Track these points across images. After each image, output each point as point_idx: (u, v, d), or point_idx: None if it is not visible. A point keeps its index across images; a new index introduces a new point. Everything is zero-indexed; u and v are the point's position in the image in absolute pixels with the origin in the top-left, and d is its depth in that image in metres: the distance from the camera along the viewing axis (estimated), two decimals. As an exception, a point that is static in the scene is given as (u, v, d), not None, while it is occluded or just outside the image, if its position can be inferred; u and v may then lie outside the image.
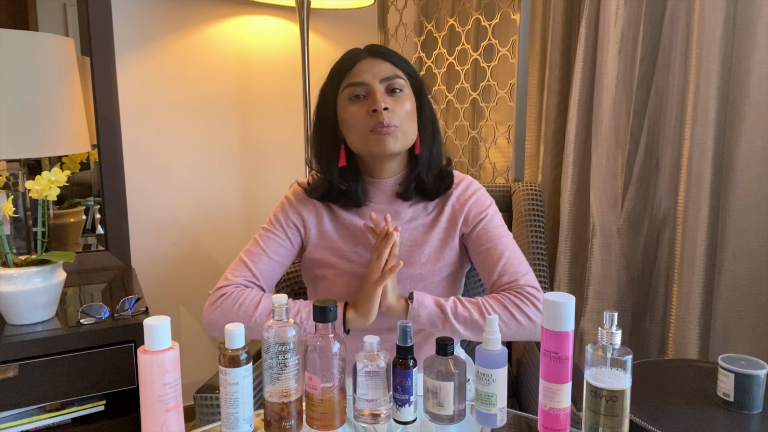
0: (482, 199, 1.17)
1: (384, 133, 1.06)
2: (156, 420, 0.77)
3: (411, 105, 1.10)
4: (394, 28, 2.16)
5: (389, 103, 1.06)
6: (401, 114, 1.07)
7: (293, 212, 1.16)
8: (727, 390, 1.03)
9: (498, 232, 1.13)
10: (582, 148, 1.67)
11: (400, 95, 1.08)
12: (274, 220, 1.17)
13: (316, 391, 0.82)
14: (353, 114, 1.08)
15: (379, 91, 1.07)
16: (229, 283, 1.11)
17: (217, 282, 1.14)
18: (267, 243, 1.14)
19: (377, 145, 1.07)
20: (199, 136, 2.00)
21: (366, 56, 1.10)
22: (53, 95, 1.39)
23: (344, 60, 1.11)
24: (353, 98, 1.08)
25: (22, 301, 1.32)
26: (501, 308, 1.04)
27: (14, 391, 1.29)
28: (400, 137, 1.07)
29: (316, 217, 1.16)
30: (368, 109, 1.06)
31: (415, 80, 1.12)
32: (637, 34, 1.52)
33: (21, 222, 1.72)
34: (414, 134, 1.11)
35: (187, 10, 1.92)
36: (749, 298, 1.39)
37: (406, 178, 1.14)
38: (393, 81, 1.08)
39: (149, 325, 0.76)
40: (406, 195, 1.13)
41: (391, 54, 1.11)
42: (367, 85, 1.07)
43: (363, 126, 1.07)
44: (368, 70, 1.08)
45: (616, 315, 0.76)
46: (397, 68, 1.09)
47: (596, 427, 0.76)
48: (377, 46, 1.12)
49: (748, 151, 1.36)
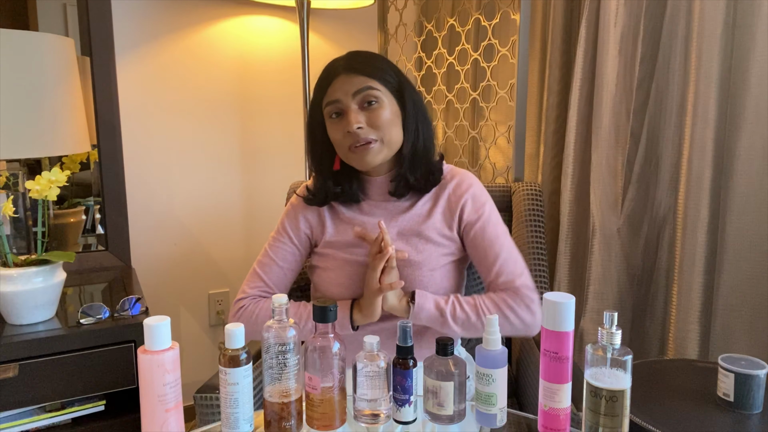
0: (478, 195, 1.18)
1: (361, 152, 1.09)
2: (156, 420, 0.77)
3: (391, 111, 1.10)
4: (394, 28, 2.16)
5: (363, 118, 1.08)
6: (379, 124, 1.09)
7: (298, 218, 1.21)
8: (727, 390, 1.03)
9: (495, 232, 1.15)
10: (582, 148, 1.67)
11: (376, 106, 1.09)
12: (281, 228, 1.22)
13: (316, 391, 0.82)
14: (333, 132, 1.12)
15: (353, 110, 1.08)
16: (246, 295, 1.18)
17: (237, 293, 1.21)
18: (276, 252, 1.20)
19: (358, 162, 1.11)
20: (199, 136, 2.00)
21: (341, 72, 1.10)
22: (53, 95, 1.39)
23: (322, 78, 1.13)
24: (332, 116, 1.11)
25: (22, 301, 1.32)
26: (496, 309, 1.08)
27: (14, 391, 1.29)
28: (382, 148, 1.10)
29: (318, 217, 1.20)
30: (344, 129, 1.09)
31: (393, 83, 1.12)
32: (637, 34, 1.52)
33: (21, 222, 1.72)
34: (397, 140, 1.13)
35: (187, 10, 1.92)
36: (749, 298, 1.39)
37: (395, 177, 1.16)
38: (366, 93, 1.08)
39: (149, 325, 0.76)
40: (397, 192, 1.16)
41: (364, 64, 1.10)
42: (340, 102, 1.09)
43: (342, 144, 1.11)
44: (340, 87, 1.09)
45: (616, 315, 0.76)
46: (370, 78, 1.09)
47: (596, 427, 0.76)
48: (353, 58, 1.12)
49: (748, 151, 1.36)
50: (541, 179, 1.84)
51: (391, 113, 1.11)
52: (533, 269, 1.53)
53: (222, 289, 2.11)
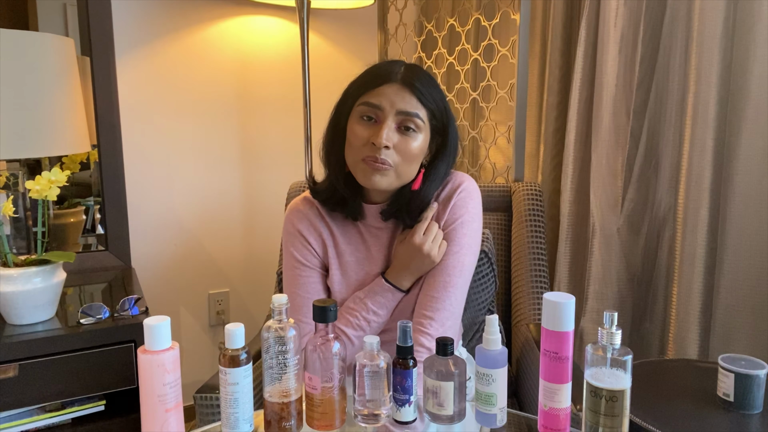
0: (457, 206, 1.12)
1: (373, 168, 1.02)
2: (156, 420, 0.77)
3: (419, 147, 1.04)
4: (394, 28, 2.16)
5: (394, 140, 1.01)
6: (403, 154, 1.02)
7: (308, 242, 1.14)
8: (727, 390, 1.03)
9: (450, 249, 1.10)
10: (582, 148, 1.67)
11: (411, 135, 1.02)
12: (296, 263, 1.13)
13: (316, 391, 0.82)
14: (355, 134, 1.04)
15: (389, 125, 1.01)
16: (305, 345, 1.12)
17: None
18: (305, 289, 1.13)
19: (363, 176, 1.04)
20: (199, 136, 2.00)
21: (396, 80, 1.02)
22: (53, 95, 1.39)
23: (373, 74, 1.05)
24: (364, 117, 1.03)
25: (22, 301, 1.32)
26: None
27: (14, 391, 1.29)
28: (391, 177, 1.04)
29: (317, 234, 1.15)
30: (370, 137, 1.02)
31: (438, 120, 1.07)
32: (637, 35, 1.52)
33: (21, 222, 1.72)
34: (410, 176, 1.07)
35: (187, 10, 1.92)
36: (749, 298, 1.39)
37: (390, 205, 1.11)
38: (410, 119, 1.02)
39: (149, 325, 0.76)
40: (386, 217, 1.11)
41: (423, 89, 1.03)
42: (381, 110, 1.02)
43: (358, 150, 1.03)
44: (389, 97, 1.01)
45: (616, 315, 0.76)
46: (422, 106, 1.03)
47: (596, 427, 0.76)
48: (413, 73, 1.04)
49: (748, 151, 1.36)
50: (541, 179, 1.84)
51: (420, 149, 1.04)
52: (533, 269, 1.53)
53: (222, 289, 2.11)
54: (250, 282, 2.14)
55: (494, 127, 1.84)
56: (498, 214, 1.62)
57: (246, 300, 2.15)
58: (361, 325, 1.09)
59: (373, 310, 1.09)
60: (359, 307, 1.09)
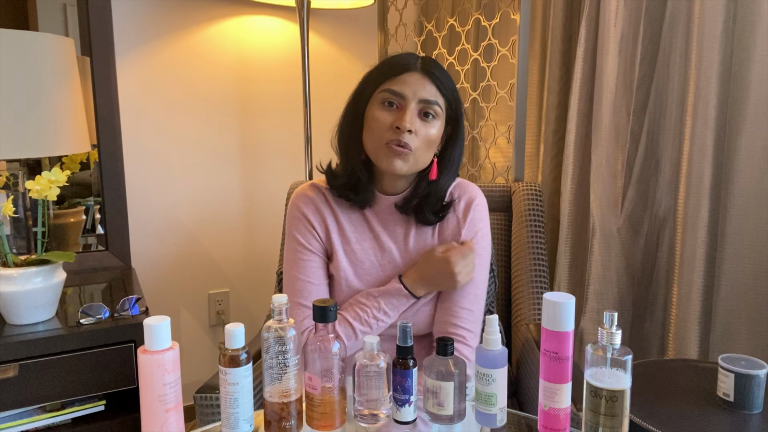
0: (476, 219, 1.16)
1: (396, 153, 1.05)
2: (156, 420, 0.77)
3: (436, 133, 1.09)
4: (394, 28, 2.16)
5: (416, 125, 1.06)
6: (422, 139, 1.07)
7: (312, 227, 1.15)
8: (727, 390, 1.03)
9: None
10: (582, 148, 1.67)
11: (431, 121, 1.07)
12: (299, 246, 1.15)
13: (316, 391, 0.82)
14: (377, 119, 1.07)
15: (412, 110, 1.05)
16: (303, 329, 1.11)
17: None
18: (306, 273, 1.14)
19: (385, 161, 1.07)
20: (199, 136, 2.00)
21: (417, 70, 1.08)
22: (53, 95, 1.39)
23: (394, 63, 1.09)
24: (385, 104, 1.07)
25: (22, 301, 1.32)
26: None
27: (14, 391, 1.29)
28: (411, 161, 1.07)
29: (322, 219, 1.16)
30: (393, 122, 1.05)
31: (452, 111, 1.11)
32: (637, 34, 1.52)
33: (21, 222, 1.72)
34: (426, 162, 1.11)
35: (186, 10, 1.92)
36: (749, 298, 1.39)
37: (409, 197, 1.14)
38: (430, 106, 1.07)
39: (149, 325, 0.76)
40: (403, 209, 1.14)
41: (442, 78, 1.08)
42: (404, 98, 1.06)
43: (381, 135, 1.06)
44: (411, 85, 1.06)
45: (616, 315, 0.76)
46: (440, 94, 1.08)
47: (596, 427, 0.76)
48: (433, 63, 1.10)
49: (748, 151, 1.36)
50: (541, 179, 1.84)
51: (437, 136, 1.09)
52: (533, 269, 1.53)
53: (222, 289, 2.11)
54: (250, 282, 2.15)
55: (494, 127, 1.84)
56: (498, 214, 1.62)
57: (246, 300, 2.15)
58: (370, 322, 1.09)
59: (384, 310, 1.10)
60: (372, 304, 1.10)
